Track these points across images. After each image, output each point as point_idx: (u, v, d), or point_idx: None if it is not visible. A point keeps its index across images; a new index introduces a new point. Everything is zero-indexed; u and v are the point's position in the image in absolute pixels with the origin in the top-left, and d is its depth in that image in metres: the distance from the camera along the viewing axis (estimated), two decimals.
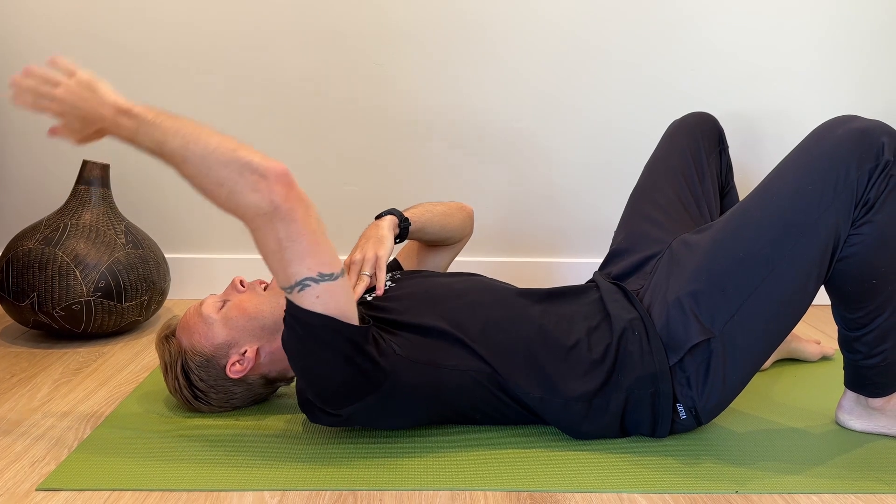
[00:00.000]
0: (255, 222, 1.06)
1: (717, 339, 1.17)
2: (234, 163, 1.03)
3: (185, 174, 1.07)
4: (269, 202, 1.04)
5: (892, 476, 1.17)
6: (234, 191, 1.04)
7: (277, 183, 1.04)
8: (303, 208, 1.07)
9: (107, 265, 1.70)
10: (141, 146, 1.08)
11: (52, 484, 1.10)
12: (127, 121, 1.08)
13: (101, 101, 1.09)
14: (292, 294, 1.09)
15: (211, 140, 1.04)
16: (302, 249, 1.07)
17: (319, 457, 1.20)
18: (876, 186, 1.12)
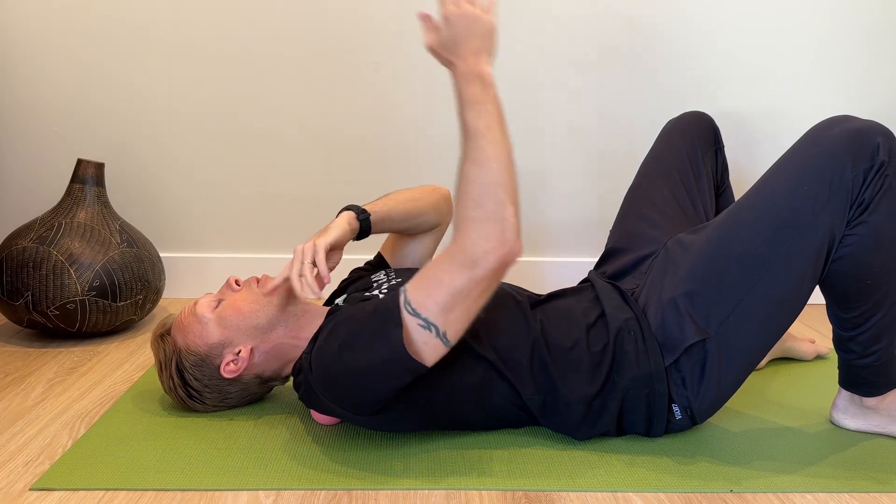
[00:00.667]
0: (457, 254, 1.06)
1: (713, 340, 1.18)
2: (502, 208, 1.04)
3: (467, 169, 1.06)
4: (483, 256, 1.04)
5: (887, 475, 1.17)
6: (478, 221, 1.04)
7: (503, 256, 1.04)
8: (489, 286, 1.08)
9: (101, 264, 1.69)
10: (464, 116, 1.08)
11: (45, 483, 1.10)
12: (479, 88, 1.07)
13: (478, 51, 1.09)
14: (411, 318, 1.07)
15: (509, 176, 1.05)
16: (457, 305, 1.07)
17: (314, 456, 1.19)
18: (871, 187, 1.12)
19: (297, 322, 1.28)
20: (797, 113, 2.14)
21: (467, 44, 1.08)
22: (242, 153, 2.09)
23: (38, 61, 2.01)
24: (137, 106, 2.04)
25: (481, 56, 1.09)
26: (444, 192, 1.55)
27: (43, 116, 2.03)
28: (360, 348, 1.10)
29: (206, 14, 2.00)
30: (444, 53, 1.10)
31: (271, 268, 2.04)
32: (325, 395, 1.16)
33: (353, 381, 1.11)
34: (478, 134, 1.06)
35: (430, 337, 1.07)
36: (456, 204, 1.08)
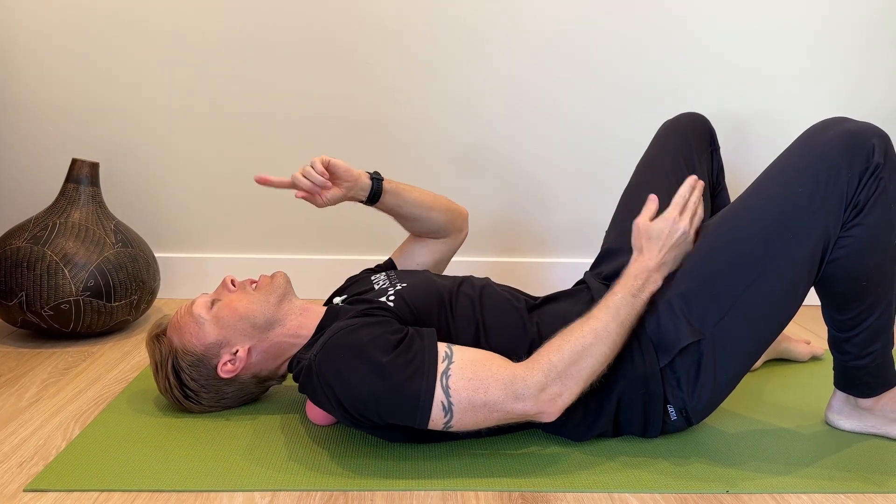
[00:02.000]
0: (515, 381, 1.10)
1: (708, 341, 1.18)
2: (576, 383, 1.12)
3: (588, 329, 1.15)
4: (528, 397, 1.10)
5: (882, 476, 1.18)
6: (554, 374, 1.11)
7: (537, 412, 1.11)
8: (509, 418, 1.12)
9: (96, 264, 1.69)
10: (615, 292, 1.20)
11: (40, 485, 1.09)
12: (640, 285, 1.21)
13: (665, 262, 1.23)
14: (440, 389, 1.09)
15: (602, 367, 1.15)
16: (479, 413, 1.10)
17: (310, 457, 1.19)
18: (866, 189, 1.12)
19: (295, 321, 1.28)
20: (792, 114, 2.14)
21: (664, 248, 1.22)
22: (238, 153, 2.08)
23: (33, 60, 2.00)
24: (132, 106, 2.03)
25: (664, 267, 1.23)
26: (462, 210, 1.60)
27: (37, 116, 2.03)
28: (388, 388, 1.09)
29: (202, 14, 1.99)
30: (643, 239, 1.24)
31: (267, 267, 2.04)
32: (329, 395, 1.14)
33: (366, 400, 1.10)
34: (618, 319, 1.17)
35: (441, 418, 1.10)
36: (556, 340, 1.14)
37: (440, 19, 2.03)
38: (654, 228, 1.23)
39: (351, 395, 1.10)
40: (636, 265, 1.22)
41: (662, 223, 1.23)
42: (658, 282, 1.22)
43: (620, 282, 1.21)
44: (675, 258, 1.23)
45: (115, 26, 1.99)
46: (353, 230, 2.13)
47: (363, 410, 1.11)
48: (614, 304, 1.18)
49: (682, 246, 1.23)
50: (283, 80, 2.04)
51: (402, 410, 1.09)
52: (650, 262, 1.21)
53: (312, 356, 1.16)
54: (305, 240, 2.16)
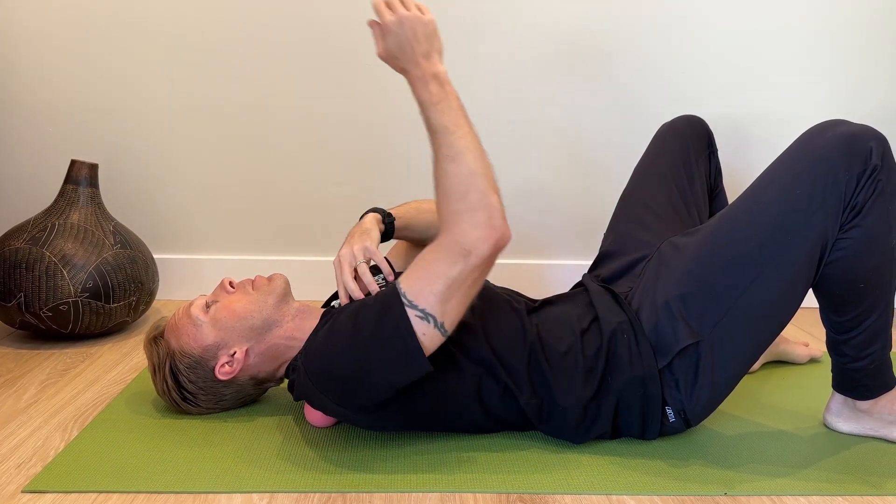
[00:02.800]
0: (450, 245, 1.09)
1: (706, 342, 1.18)
2: (486, 196, 1.08)
3: (444, 167, 1.10)
4: (475, 245, 1.08)
5: (880, 478, 1.18)
6: (466, 213, 1.08)
7: (495, 242, 1.08)
8: (483, 274, 1.12)
9: (95, 265, 1.69)
10: (429, 117, 1.11)
11: (38, 486, 1.09)
12: (436, 89, 1.11)
13: (427, 53, 1.12)
14: (410, 310, 1.09)
15: (484, 164, 1.10)
16: (452, 295, 1.09)
17: (309, 458, 1.19)
18: (864, 191, 1.12)
19: (292, 323, 1.28)
20: (790, 116, 2.15)
21: (415, 48, 1.12)
22: (237, 155, 2.08)
23: (32, 61, 2.00)
24: (131, 107, 2.03)
25: (432, 56, 1.13)
26: None
27: (36, 117, 2.02)
28: (366, 345, 1.11)
29: (201, 15, 1.99)
30: (396, 61, 1.14)
31: (265, 269, 2.04)
32: (325, 393, 1.15)
33: (358, 377, 1.12)
34: (447, 131, 1.10)
35: (429, 328, 1.09)
36: (439, 201, 1.11)
37: (440, 20, 2.03)
38: (391, 49, 1.13)
39: (341, 372, 1.12)
40: (413, 82, 1.13)
41: (391, 38, 1.12)
42: (437, 65, 1.12)
43: (420, 105, 1.12)
44: (430, 43, 1.13)
45: (115, 27, 1.99)
46: None
47: (364, 388, 1.11)
48: (434, 125, 1.11)
49: (423, 28, 1.12)
50: (282, 80, 2.04)
51: (394, 351, 1.09)
52: (417, 69, 1.12)
53: (301, 363, 1.18)
54: (304, 241, 2.16)
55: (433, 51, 1.13)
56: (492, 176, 1.10)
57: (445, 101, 1.11)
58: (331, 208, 2.12)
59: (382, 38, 1.14)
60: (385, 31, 1.13)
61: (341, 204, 2.12)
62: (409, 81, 1.14)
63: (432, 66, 1.12)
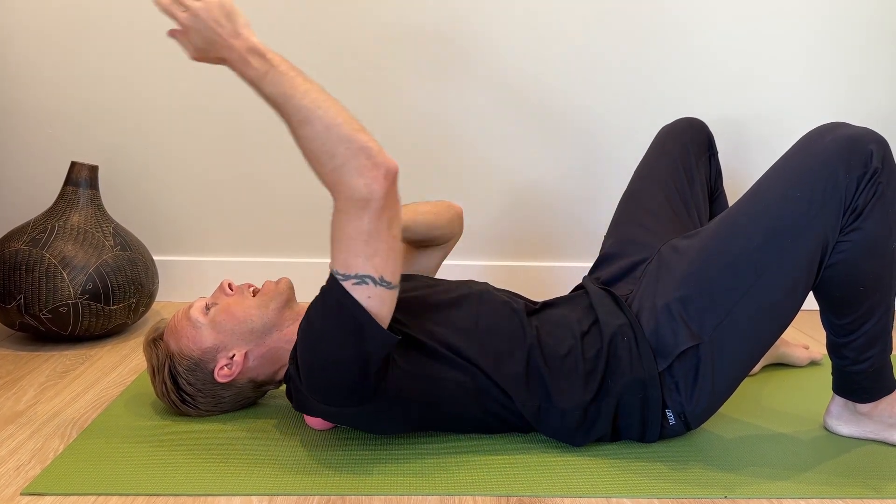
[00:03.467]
0: (346, 204, 1.07)
1: (706, 345, 1.18)
2: (353, 141, 1.04)
3: (297, 134, 1.07)
4: (368, 191, 1.05)
5: (880, 481, 1.18)
6: (342, 167, 1.05)
7: (385, 178, 1.05)
8: (394, 211, 1.08)
9: (94, 267, 1.69)
10: (263, 92, 1.08)
11: (37, 488, 1.09)
12: (258, 62, 1.07)
13: (235, 32, 1.08)
14: (343, 279, 1.09)
15: (338, 113, 1.06)
16: (377, 248, 1.08)
17: (308, 461, 1.19)
18: (864, 193, 1.12)
19: (291, 326, 1.28)
20: (790, 118, 2.14)
21: (220, 32, 1.08)
22: (237, 156, 2.08)
23: (32, 62, 2.00)
24: (132, 108, 2.04)
25: (240, 33, 1.08)
26: (458, 210, 1.58)
27: (37, 118, 2.03)
28: (322, 336, 1.11)
29: None
30: (210, 55, 1.11)
31: (265, 272, 2.03)
32: (314, 396, 1.16)
33: (330, 370, 1.12)
34: (286, 98, 1.06)
35: (371, 289, 1.08)
36: (314, 168, 1.08)
37: (441, 22, 2.03)
38: (200, 45, 1.10)
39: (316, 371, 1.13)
40: (235, 67, 1.09)
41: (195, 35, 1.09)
42: (250, 39, 1.08)
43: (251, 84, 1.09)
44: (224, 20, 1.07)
45: (115, 29, 1.99)
46: None
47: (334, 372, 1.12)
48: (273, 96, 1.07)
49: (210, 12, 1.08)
50: None
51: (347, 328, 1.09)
52: (233, 52, 1.08)
53: (293, 371, 1.19)
54: (305, 243, 2.15)
55: (239, 27, 1.08)
56: (350, 119, 1.06)
57: (272, 69, 1.07)
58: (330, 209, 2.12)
59: (187, 40, 1.10)
60: (186, 30, 1.09)
61: None
62: (232, 67, 1.10)
63: (245, 41, 1.08)
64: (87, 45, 1.99)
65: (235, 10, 1.09)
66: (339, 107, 1.07)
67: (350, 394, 1.14)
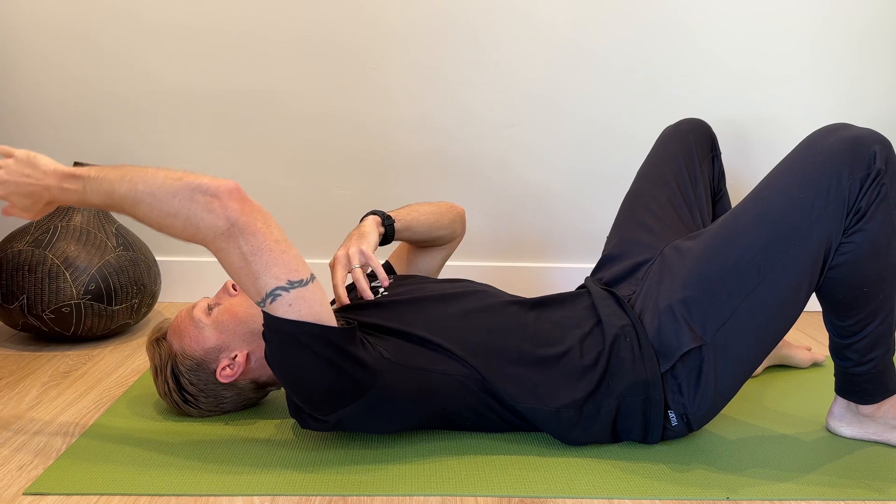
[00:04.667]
0: (217, 243, 1.07)
1: (709, 347, 1.18)
2: (182, 190, 1.05)
3: (140, 217, 1.09)
4: (225, 219, 1.05)
5: (883, 483, 1.17)
6: (189, 216, 1.05)
7: (230, 199, 1.05)
8: (261, 219, 1.08)
9: (97, 268, 1.69)
10: (92, 204, 1.11)
11: (39, 488, 1.09)
12: (72, 184, 1.11)
13: (44, 173, 1.13)
14: (266, 306, 1.09)
15: (157, 176, 1.07)
16: (267, 260, 1.07)
17: (310, 462, 1.19)
18: (868, 195, 1.12)
19: None
20: (793, 120, 2.14)
21: (31, 182, 1.12)
22: (239, 157, 2.08)
23: (36, 62, 2.00)
24: (135, 108, 2.04)
25: (47, 173, 1.12)
26: (460, 210, 1.59)
27: (39, 118, 2.03)
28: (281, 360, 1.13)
29: (205, 17, 2.00)
30: (38, 206, 1.15)
31: None
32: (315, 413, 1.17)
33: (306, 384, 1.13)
34: (109, 195, 1.09)
35: (286, 297, 1.08)
36: (171, 234, 1.10)
37: (443, 22, 2.04)
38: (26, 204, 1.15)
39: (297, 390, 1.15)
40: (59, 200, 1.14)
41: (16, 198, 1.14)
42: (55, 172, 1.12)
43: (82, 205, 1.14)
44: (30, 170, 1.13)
45: (117, 29, 1.99)
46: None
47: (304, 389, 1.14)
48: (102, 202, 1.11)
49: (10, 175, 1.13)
50: (285, 82, 2.04)
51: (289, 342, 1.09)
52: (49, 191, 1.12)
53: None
54: (306, 244, 2.15)
55: (43, 167, 1.12)
56: (168, 174, 1.07)
57: (87, 180, 1.10)
58: (332, 210, 2.12)
59: (14, 205, 1.15)
60: (6, 198, 1.14)
61: (343, 206, 2.12)
62: (58, 202, 1.15)
63: (54, 175, 1.12)
64: (90, 46, 1.99)
65: (31, 154, 1.14)
66: (155, 171, 1.08)
67: (337, 397, 1.14)
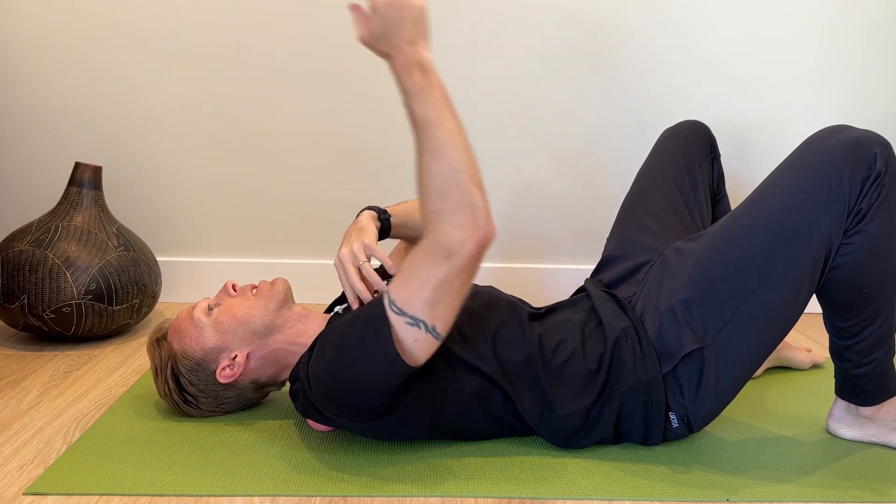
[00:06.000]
0: (433, 247, 1.05)
1: (710, 348, 1.18)
2: (468, 194, 1.03)
3: (424, 162, 1.05)
4: (458, 245, 1.03)
5: (882, 485, 1.17)
6: (446, 212, 1.04)
7: (480, 241, 1.04)
8: (469, 273, 1.07)
9: (98, 268, 1.69)
10: (411, 107, 1.05)
11: (40, 488, 1.09)
12: (419, 76, 1.04)
13: (412, 38, 1.04)
14: (397, 317, 1.07)
15: (468, 160, 1.04)
16: (440, 299, 1.07)
17: (310, 462, 1.19)
18: (868, 196, 1.12)
19: (294, 328, 1.28)
20: (794, 122, 2.14)
21: (400, 33, 1.04)
22: (240, 157, 2.09)
23: (37, 63, 2.00)
24: (136, 109, 2.04)
25: (417, 43, 1.04)
26: None
27: (41, 119, 2.03)
28: (351, 358, 1.11)
29: (205, 18, 2.00)
30: (378, 45, 1.06)
31: (268, 273, 2.04)
32: (323, 408, 1.16)
33: (348, 390, 1.12)
34: (429, 123, 1.04)
35: (420, 333, 1.08)
36: (421, 198, 1.07)
37: (442, 24, 2.04)
38: (376, 31, 1.05)
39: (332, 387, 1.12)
40: (395, 70, 1.06)
41: (378, 19, 1.04)
42: (423, 51, 1.05)
43: (403, 93, 1.06)
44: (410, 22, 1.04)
45: (118, 30, 1.99)
46: None
47: (359, 396, 1.11)
48: (417, 118, 1.05)
49: (402, 8, 1.03)
50: (285, 85, 2.05)
51: (381, 355, 1.08)
52: (402, 56, 1.04)
53: (303, 375, 1.18)
54: (307, 244, 2.16)
55: (419, 36, 1.05)
56: (476, 172, 1.05)
57: (429, 91, 1.04)
58: (332, 211, 2.12)
59: (366, 20, 1.05)
60: (373, 11, 1.04)
61: (343, 207, 2.12)
62: (392, 67, 1.06)
63: (417, 52, 1.04)
64: (92, 47, 2.00)
65: (424, 19, 1.05)
66: (470, 154, 1.05)
67: (361, 412, 1.14)
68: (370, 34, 1.06)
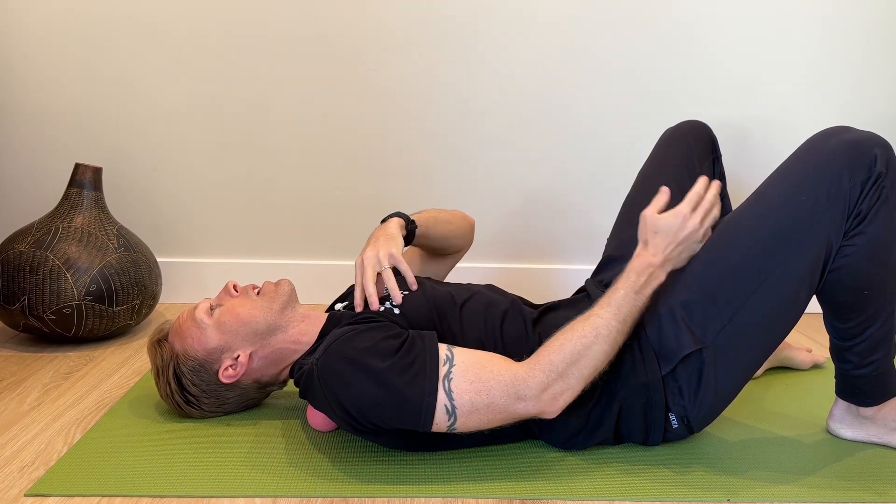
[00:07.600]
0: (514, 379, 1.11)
1: (709, 349, 1.18)
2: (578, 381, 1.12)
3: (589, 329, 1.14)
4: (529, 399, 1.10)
5: (883, 485, 1.17)
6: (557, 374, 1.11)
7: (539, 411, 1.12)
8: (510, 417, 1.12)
9: (98, 269, 1.69)
10: (617, 287, 1.18)
11: (41, 489, 1.09)
12: (644, 281, 1.18)
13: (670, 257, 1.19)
14: (444, 393, 1.09)
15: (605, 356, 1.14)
16: (482, 415, 1.11)
17: (311, 463, 1.19)
18: (868, 198, 1.12)
19: (296, 327, 1.28)
20: (794, 122, 2.14)
21: (670, 244, 1.19)
22: (240, 158, 2.09)
23: (36, 64, 2.01)
24: (136, 110, 2.04)
25: (669, 264, 1.20)
26: (471, 221, 1.60)
27: (41, 120, 2.03)
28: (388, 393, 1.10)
29: (205, 19, 2.00)
30: (649, 232, 1.20)
31: (269, 273, 2.04)
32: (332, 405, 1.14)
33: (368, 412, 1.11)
34: (619, 317, 1.15)
35: (444, 421, 1.10)
36: (558, 338, 1.13)
37: (443, 25, 2.04)
38: (662, 222, 1.19)
39: (353, 400, 1.11)
40: (639, 260, 1.19)
41: (672, 218, 1.19)
42: (661, 278, 1.19)
43: (623, 277, 1.19)
44: (680, 256, 1.20)
45: (118, 31, 1.99)
46: (356, 236, 2.13)
47: (367, 415, 1.11)
48: (616, 301, 1.16)
49: (690, 244, 1.20)
50: (285, 85, 2.05)
51: (406, 414, 1.09)
52: (655, 258, 1.18)
53: (314, 361, 1.16)
54: (308, 245, 2.16)
55: (674, 262, 1.20)
56: (595, 371, 1.14)
57: (639, 295, 1.17)
58: (333, 212, 2.13)
59: (668, 215, 1.19)
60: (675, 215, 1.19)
61: (344, 208, 2.12)
62: (637, 254, 1.20)
63: (663, 266, 1.19)
64: (92, 48, 2.00)
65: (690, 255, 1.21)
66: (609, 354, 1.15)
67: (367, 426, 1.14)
68: (655, 220, 1.20)
